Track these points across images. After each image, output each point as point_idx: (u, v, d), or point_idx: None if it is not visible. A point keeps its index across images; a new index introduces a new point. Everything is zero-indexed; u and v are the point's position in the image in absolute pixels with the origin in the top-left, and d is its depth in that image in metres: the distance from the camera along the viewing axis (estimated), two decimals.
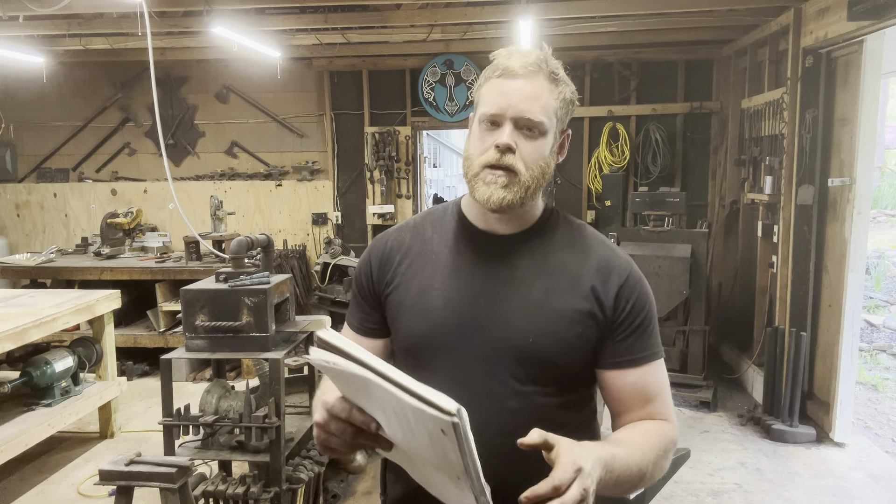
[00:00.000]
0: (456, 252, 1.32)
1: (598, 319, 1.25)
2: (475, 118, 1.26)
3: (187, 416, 2.97)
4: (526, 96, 1.19)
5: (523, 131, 1.20)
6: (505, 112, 1.19)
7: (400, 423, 0.96)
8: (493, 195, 1.20)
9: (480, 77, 1.27)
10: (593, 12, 4.52)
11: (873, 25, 3.43)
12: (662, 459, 1.21)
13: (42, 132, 6.73)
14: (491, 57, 1.27)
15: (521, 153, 1.20)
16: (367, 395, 0.96)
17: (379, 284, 1.36)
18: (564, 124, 1.27)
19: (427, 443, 0.93)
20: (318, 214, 6.53)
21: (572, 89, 1.27)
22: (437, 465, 0.97)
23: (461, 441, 0.87)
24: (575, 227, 1.35)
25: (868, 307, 7.61)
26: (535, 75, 1.20)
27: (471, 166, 1.24)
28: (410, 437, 0.97)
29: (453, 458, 0.91)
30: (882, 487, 3.66)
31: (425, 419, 0.88)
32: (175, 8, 4.37)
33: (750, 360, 5.12)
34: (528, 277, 1.27)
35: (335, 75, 6.38)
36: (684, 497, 3.55)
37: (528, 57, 1.21)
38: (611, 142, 6.10)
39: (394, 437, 1.01)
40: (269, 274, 3.19)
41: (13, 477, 3.84)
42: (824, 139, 4.24)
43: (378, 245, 1.40)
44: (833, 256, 4.23)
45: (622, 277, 1.27)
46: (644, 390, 1.27)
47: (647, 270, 4.88)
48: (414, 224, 1.40)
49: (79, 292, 4.44)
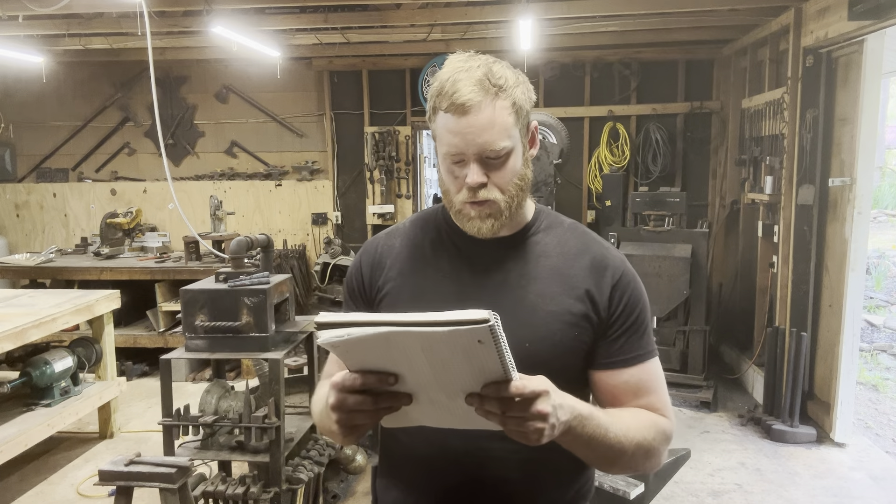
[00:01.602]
0: (448, 256, 1.31)
1: (592, 321, 1.24)
2: (439, 152, 1.24)
3: (187, 417, 2.96)
4: (481, 129, 1.15)
5: (490, 161, 1.19)
6: (466, 151, 1.18)
7: (425, 361, 0.97)
8: (480, 228, 1.22)
9: (429, 99, 1.22)
10: (593, 12, 4.52)
11: (874, 25, 3.43)
12: (651, 446, 1.20)
13: (42, 132, 6.73)
14: (433, 80, 1.22)
15: (494, 181, 1.20)
16: (385, 352, 0.97)
17: (371, 289, 1.34)
18: (527, 122, 1.25)
19: (461, 364, 0.95)
20: (317, 214, 6.52)
21: (522, 88, 1.22)
22: (466, 386, 0.99)
23: (498, 342, 0.91)
24: (567, 227, 1.34)
25: (868, 307, 7.61)
26: (483, 101, 1.15)
27: (451, 202, 1.24)
28: (438, 370, 0.98)
29: (491, 366, 0.94)
30: (882, 488, 3.65)
31: (460, 338, 0.91)
32: (175, 8, 4.37)
33: (750, 361, 5.12)
34: (522, 281, 1.26)
35: (335, 75, 6.38)
36: (684, 497, 3.55)
37: (472, 78, 1.16)
38: (611, 142, 6.10)
39: (418, 383, 1.01)
40: (269, 274, 3.18)
41: (13, 477, 3.84)
42: (825, 139, 4.23)
43: (369, 249, 1.38)
44: (833, 256, 4.22)
45: (616, 276, 1.26)
46: (637, 388, 1.26)
47: (648, 270, 4.89)
48: (404, 228, 1.39)
49: (78, 292, 4.44)
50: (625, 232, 5.17)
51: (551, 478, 1.26)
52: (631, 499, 2.67)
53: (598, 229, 5.96)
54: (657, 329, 4.93)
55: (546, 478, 1.24)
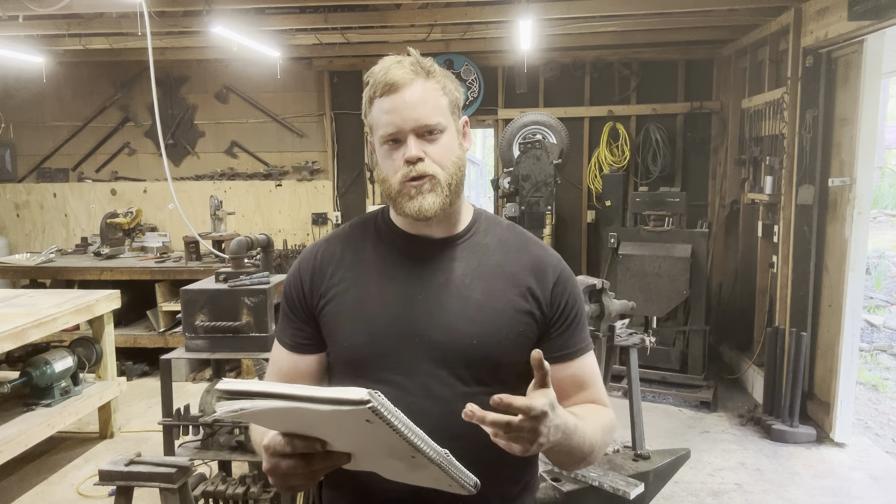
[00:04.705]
0: (391, 259, 1.31)
1: (536, 317, 1.28)
2: (375, 142, 1.27)
3: (187, 417, 2.97)
4: (415, 104, 1.21)
5: (425, 137, 1.22)
6: (402, 127, 1.21)
7: (337, 432, 0.95)
8: (422, 204, 1.22)
9: (364, 98, 1.28)
10: (593, 12, 4.52)
11: (873, 25, 3.43)
12: (606, 439, 1.26)
13: (42, 132, 6.73)
14: (366, 78, 1.28)
15: (432, 157, 1.22)
16: (296, 420, 0.94)
17: (311, 298, 1.32)
18: (458, 113, 1.29)
19: (366, 438, 0.93)
20: (317, 214, 6.52)
21: (451, 77, 1.29)
22: (391, 454, 0.97)
23: (389, 421, 0.87)
24: (506, 227, 1.38)
25: (868, 307, 7.61)
26: (415, 80, 1.22)
27: (390, 187, 1.25)
28: (353, 440, 0.96)
29: (394, 442, 0.91)
30: (882, 487, 3.65)
31: (348, 418, 0.88)
32: (175, 8, 4.37)
33: (750, 361, 5.12)
34: (466, 279, 1.28)
35: (335, 75, 6.38)
36: (684, 497, 3.55)
37: (403, 65, 1.22)
38: (611, 142, 6.10)
39: (343, 447, 0.99)
40: (269, 274, 3.18)
41: (13, 477, 3.84)
42: (824, 139, 4.24)
43: (308, 257, 1.36)
44: (833, 256, 4.23)
45: (555, 275, 1.31)
46: (581, 380, 1.32)
47: (647, 270, 4.89)
48: (343, 234, 1.38)
49: (78, 292, 4.44)
50: (625, 232, 5.18)
51: (501, 473, 1.27)
52: (631, 499, 2.67)
53: (598, 229, 5.98)
54: (657, 329, 4.93)
55: (496, 473, 1.25)
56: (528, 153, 5.14)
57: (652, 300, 4.87)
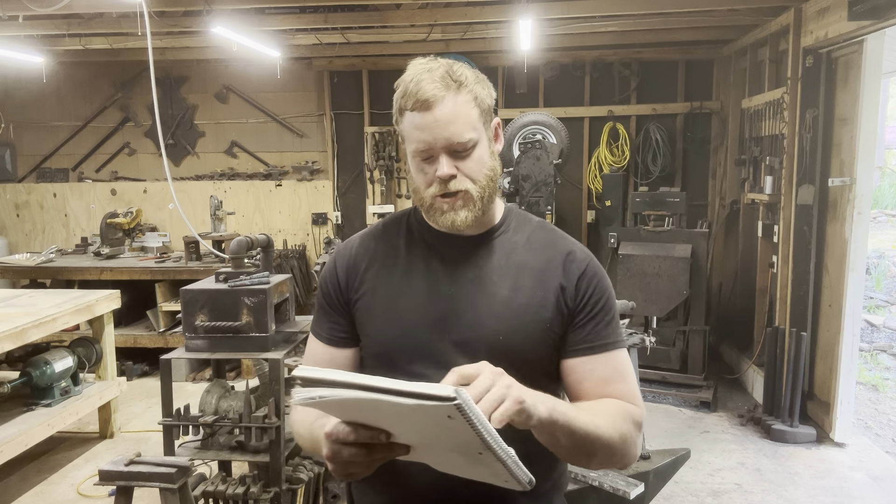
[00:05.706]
0: (422, 256, 1.33)
1: (563, 312, 1.28)
2: (408, 152, 1.28)
3: (187, 417, 2.96)
4: (446, 122, 1.20)
5: (458, 153, 1.23)
6: (433, 145, 1.22)
7: (408, 425, 0.97)
8: (455, 219, 1.25)
9: (394, 103, 1.27)
10: (593, 12, 4.52)
11: (873, 25, 3.43)
12: (624, 429, 1.20)
13: (42, 132, 6.73)
14: (396, 84, 1.27)
15: (464, 172, 1.24)
16: (367, 412, 0.97)
17: (347, 292, 1.36)
18: (490, 117, 1.29)
19: (439, 433, 0.94)
20: (317, 214, 6.52)
21: (483, 85, 1.27)
22: (457, 448, 0.98)
23: (469, 419, 0.89)
24: (535, 225, 1.39)
25: (868, 307, 7.61)
26: (445, 96, 1.21)
27: (422, 200, 1.27)
28: (422, 433, 0.98)
29: (468, 438, 0.92)
30: (882, 487, 3.65)
31: (429, 413, 0.89)
32: (175, 8, 4.37)
33: (750, 360, 5.12)
34: (494, 276, 1.29)
35: (335, 75, 6.38)
36: (684, 497, 3.55)
37: (434, 77, 1.22)
38: (611, 142, 6.10)
39: (408, 440, 1.01)
40: (269, 274, 3.18)
41: (13, 477, 3.84)
42: (824, 139, 4.24)
43: (343, 253, 1.40)
44: (833, 256, 4.23)
45: (582, 267, 1.31)
46: (605, 376, 1.28)
47: (647, 270, 4.89)
48: (377, 230, 1.41)
49: (78, 292, 4.44)
50: (625, 232, 5.17)
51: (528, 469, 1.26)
52: (631, 499, 2.67)
53: (598, 229, 5.97)
54: (657, 329, 4.93)
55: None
56: (528, 153, 5.14)
57: (652, 300, 4.87)
